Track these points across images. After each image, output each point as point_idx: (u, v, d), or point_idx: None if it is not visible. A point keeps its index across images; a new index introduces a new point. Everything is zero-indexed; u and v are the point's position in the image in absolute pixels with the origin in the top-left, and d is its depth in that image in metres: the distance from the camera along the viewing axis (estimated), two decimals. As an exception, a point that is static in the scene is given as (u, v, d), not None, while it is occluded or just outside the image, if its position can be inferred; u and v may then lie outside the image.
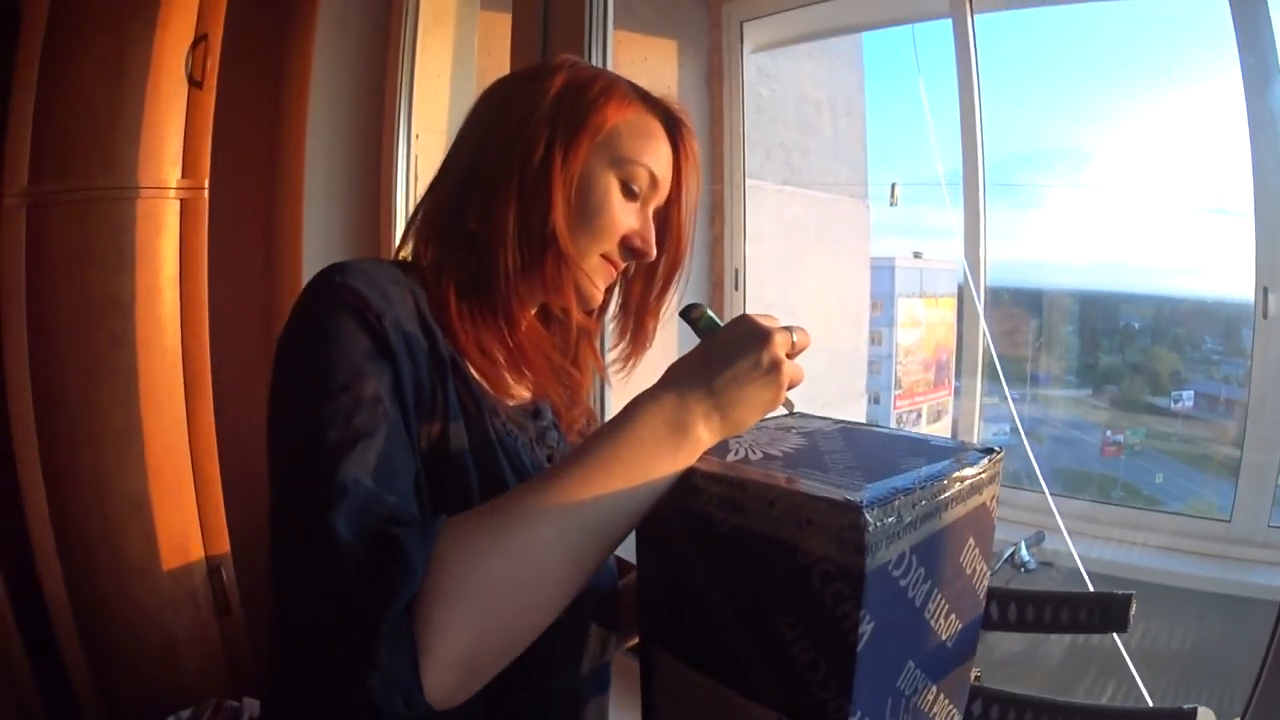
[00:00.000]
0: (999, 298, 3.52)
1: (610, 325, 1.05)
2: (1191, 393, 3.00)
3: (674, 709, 0.77)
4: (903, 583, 0.64)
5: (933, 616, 0.69)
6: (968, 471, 0.70)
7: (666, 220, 0.99)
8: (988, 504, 0.74)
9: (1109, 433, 3.42)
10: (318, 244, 2.29)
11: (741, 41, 3.18)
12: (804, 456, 0.72)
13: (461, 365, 0.85)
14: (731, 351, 0.75)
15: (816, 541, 0.61)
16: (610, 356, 1.04)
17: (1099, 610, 1.03)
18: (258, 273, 2.44)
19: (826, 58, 3.55)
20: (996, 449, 0.75)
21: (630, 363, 1.03)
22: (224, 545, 2.12)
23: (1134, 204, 3.15)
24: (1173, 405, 3.12)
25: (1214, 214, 2.85)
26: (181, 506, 2.07)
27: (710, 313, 0.85)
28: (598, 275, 0.93)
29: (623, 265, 0.96)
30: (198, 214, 2.04)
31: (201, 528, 2.09)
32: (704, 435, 0.72)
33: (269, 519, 0.71)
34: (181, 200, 2.04)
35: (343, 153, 2.32)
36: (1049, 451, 3.30)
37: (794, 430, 0.80)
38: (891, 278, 3.58)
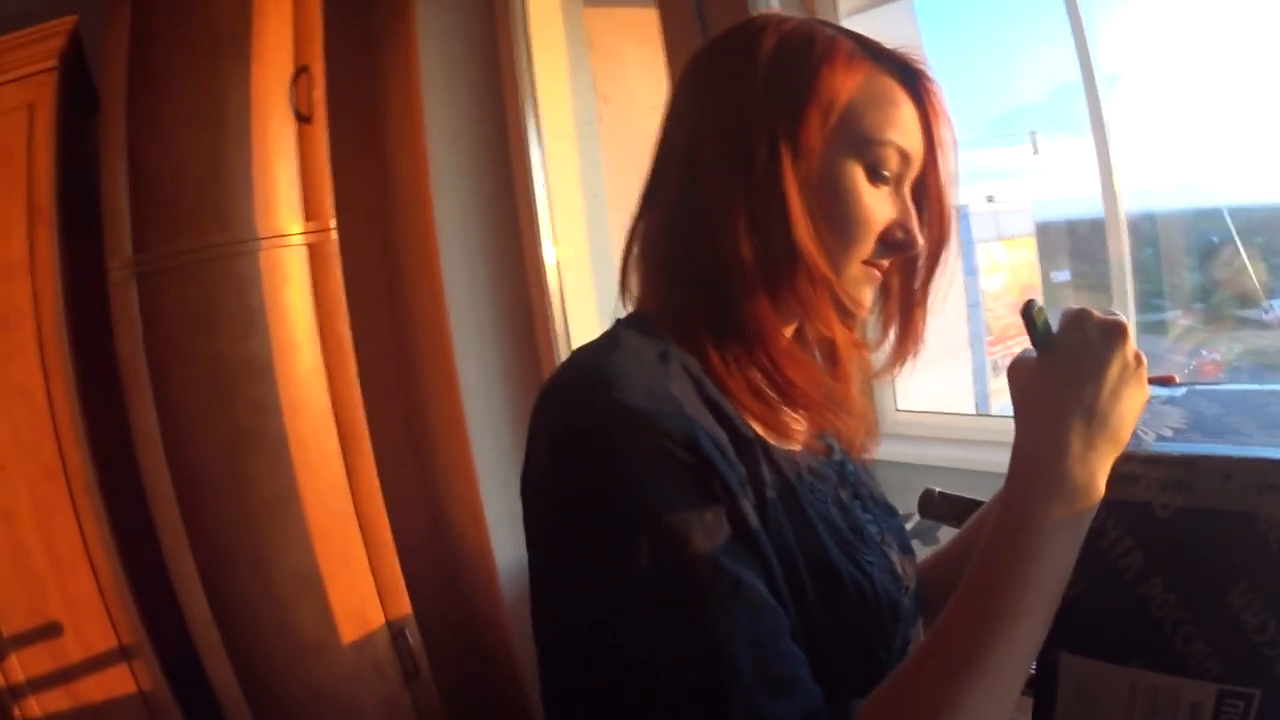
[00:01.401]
0: (1074, 230, 3.45)
1: (870, 320, 0.90)
2: (1281, 301, 2.94)
3: (1081, 708, 0.74)
4: None
5: None
6: None
7: (923, 193, 0.83)
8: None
9: (1205, 352, 3.36)
10: (459, 269, 2.14)
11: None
12: (1208, 426, 0.71)
13: (764, 440, 0.74)
14: (1096, 360, 0.65)
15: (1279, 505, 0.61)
16: (878, 358, 0.91)
17: None
18: (384, 312, 2.28)
19: (882, 15, 3.48)
20: None
21: (902, 362, 0.89)
22: (405, 607, 1.99)
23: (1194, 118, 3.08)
24: (1264, 316, 3.04)
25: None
26: (354, 573, 1.94)
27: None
28: (860, 286, 0.79)
29: (887, 265, 0.81)
30: (328, 258, 1.90)
31: (379, 593, 1.96)
32: (1102, 478, 0.65)
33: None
34: (308, 245, 1.89)
35: (470, 172, 2.17)
36: (1152, 377, 3.24)
37: (1150, 404, 0.74)
38: (967, 225, 3.50)
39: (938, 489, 1.13)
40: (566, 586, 0.66)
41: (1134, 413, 0.67)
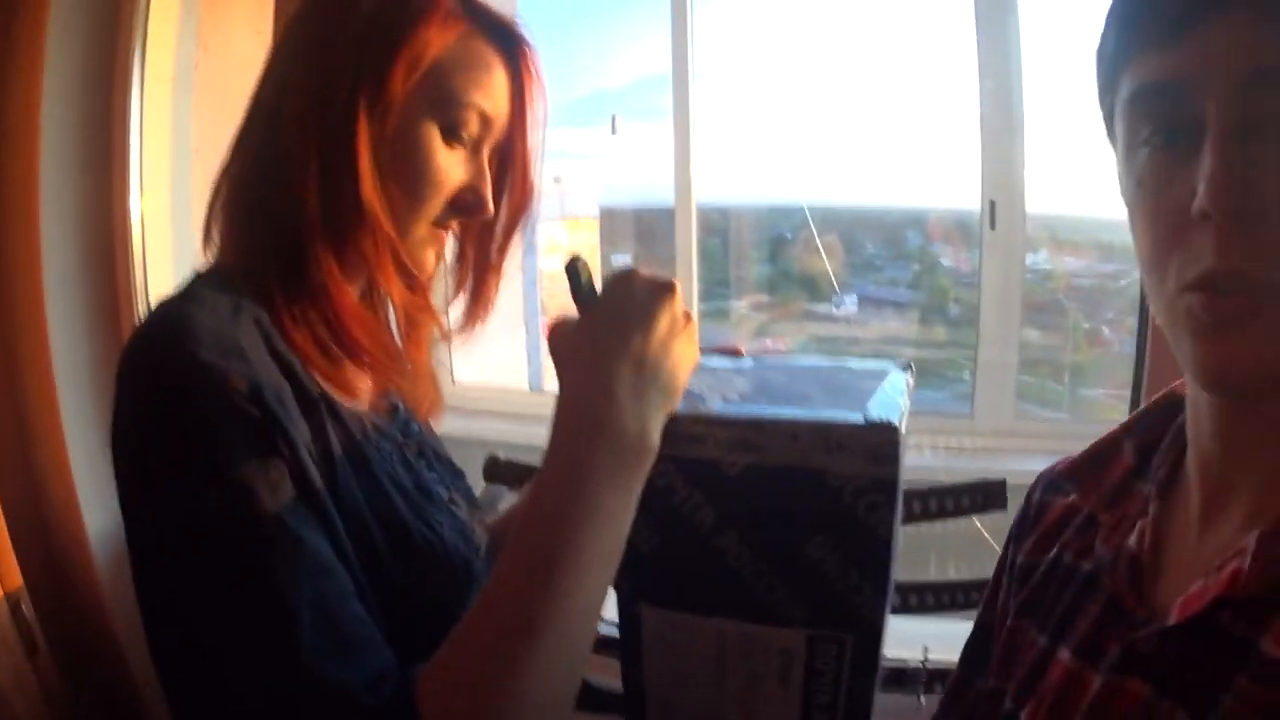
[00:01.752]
0: (640, 217, 3.41)
1: (446, 279, 0.91)
2: (855, 297, 3.13)
3: (670, 661, 0.77)
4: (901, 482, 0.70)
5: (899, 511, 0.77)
6: (908, 384, 0.80)
7: (507, 159, 0.84)
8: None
9: (770, 341, 3.53)
10: (55, 217, 1.90)
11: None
12: (775, 392, 0.76)
13: (330, 398, 0.74)
14: (642, 314, 0.65)
15: (848, 462, 0.66)
16: (449, 319, 0.91)
17: (980, 495, 1.23)
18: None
19: None
20: (909, 364, 0.84)
21: (473, 325, 0.90)
22: (16, 579, 1.78)
23: (791, 117, 3.22)
24: (835, 310, 3.25)
25: (876, 123, 2.98)
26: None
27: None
28: (424, 247, 0.80)
29: (455, 229, 0.84)
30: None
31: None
32: (655, 430, 0.65)
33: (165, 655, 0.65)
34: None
35: (77, 109, 1.91)
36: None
37: (715, 373, 0.80)
38: (531, 202, 3.49)
39: (501, 455, 1.20)
40: (146, 542, 0.66)
41: (685, 367, 0.67)
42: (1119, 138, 0.58)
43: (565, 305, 0.70)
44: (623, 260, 3.40)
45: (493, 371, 2.94)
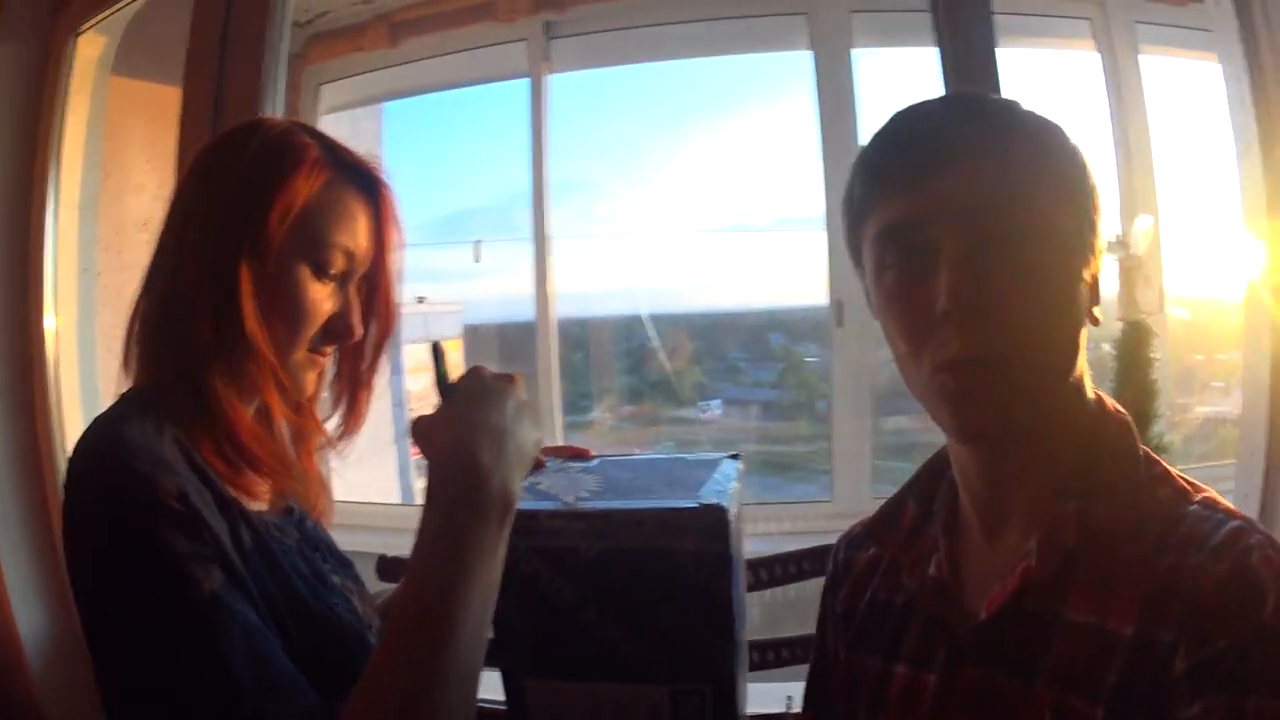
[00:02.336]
0: (504, 334, 3.46)
1: (328, 395, 1.00)
2: (719, 401, 3.20)
3: None
4: (738, 554, 0.84)
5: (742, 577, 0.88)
6: (738, 470, 0.92)
7: (372, 286, 0.93)
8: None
9: (638, 451, 3.55)
10: None
11: (317, 103, 3.03)
12: (621, 487, 0.87)
13: (239, 501, 0.82)
14: (495, 395, 0.78)
15: (690, 541, 0.79)
16: (328, 429, 1.00)
17: (818, 559, 1.32)
18: None
19: (350, 121, 3.35)
20: (738, 454, 0.96)
21: (351, 434, 0.99)
22: None
23: (646, 229, 3.31)
24: (701, 415, 3.31)
25: (730, 231, 3.10)
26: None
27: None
28: (304, 371, 0.89)
29: (330, 353, 0.92)
30: None
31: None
32: (515, 489, 0.75)
33: None
34: None
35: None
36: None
37: (567, 473, 0.92)
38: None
39: (390, 554, 1.28)
40: (100, 622, 0.75)
41: (532, 438, 0.79)
42: (867, 265, 0.74)
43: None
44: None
45: (368, 490, 2.95)
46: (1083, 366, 0.73)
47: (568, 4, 2.69)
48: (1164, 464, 0.72)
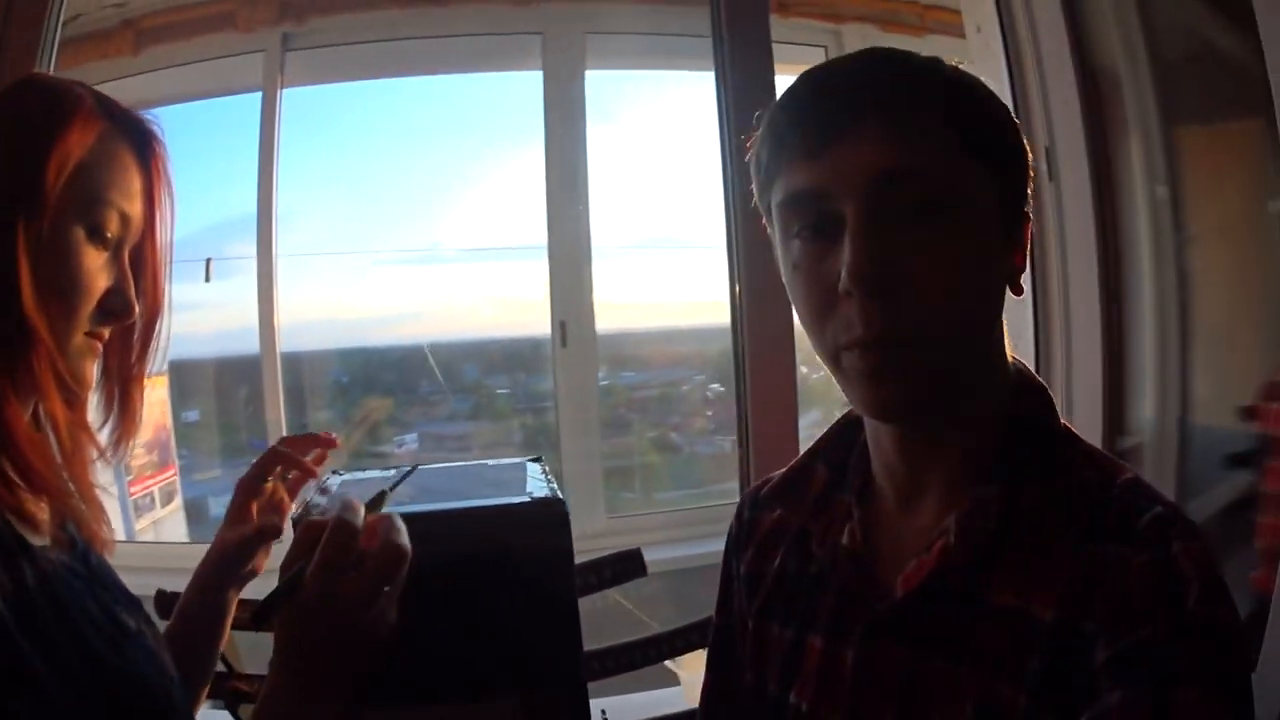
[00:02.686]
0: (217, 369, 3.23)
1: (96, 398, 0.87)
2: (415, 435, 3.17)
3: None
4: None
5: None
6: (545, 471, 0.91)
7: (140, 262, 0.84)
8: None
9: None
10: None
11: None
12: (438, 492, 0.83)
13: (21, 537, 0.73)
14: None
15: (529, 538, 0.76)
16: (100, 439, 0.87)
17: (622, 565, 1.30)
18: None
19: None
20: (540, 458, 0.95)
21: (127, 440, 0.88)
22: None
23: (331, 261, 3.18)
24: (397, 450, 3.22)
25: (422, 263, 3.03)
26: None
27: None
28: (82, 359, 0.79)
29: (106, 336, 0.81)
30: None
31: None
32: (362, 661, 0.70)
33: None
34: None
35: None
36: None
37: (369, 483, 0.86)
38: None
39: (167, 588, 1.19)
40: None
41: (357, 599, 0.68)
42: (776, 231, 0.71)
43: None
44: (192, 417, 3.12)
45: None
46: (1001, 338, 0.71)
47: (307, 16, 2.62)
48: (1085, 441, 0.71)
